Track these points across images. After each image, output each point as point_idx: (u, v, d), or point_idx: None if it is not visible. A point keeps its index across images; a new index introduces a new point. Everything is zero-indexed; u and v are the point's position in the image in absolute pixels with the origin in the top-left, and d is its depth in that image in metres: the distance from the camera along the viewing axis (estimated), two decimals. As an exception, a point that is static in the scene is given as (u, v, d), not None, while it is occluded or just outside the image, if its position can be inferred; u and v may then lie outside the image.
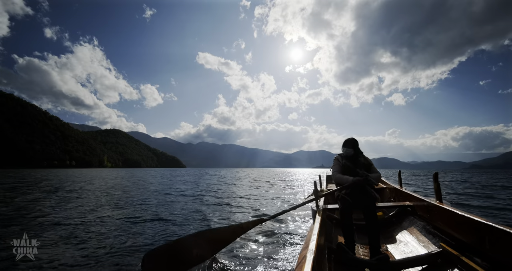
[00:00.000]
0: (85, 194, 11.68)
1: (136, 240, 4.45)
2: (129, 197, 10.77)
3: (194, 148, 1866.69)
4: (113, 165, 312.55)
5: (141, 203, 9.12)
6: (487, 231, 1.98)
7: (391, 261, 2.36)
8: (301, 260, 1.60)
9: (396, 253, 2.86)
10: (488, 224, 1.98)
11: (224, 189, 14.87)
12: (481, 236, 2.06)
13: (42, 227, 5.36)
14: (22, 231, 4.94)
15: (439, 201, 2.98)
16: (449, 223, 2.59)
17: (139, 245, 4.17)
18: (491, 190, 14.33)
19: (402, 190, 4.29)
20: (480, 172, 72.79)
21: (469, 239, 2.25)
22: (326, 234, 3.01)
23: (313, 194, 3.04)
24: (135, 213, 7.10)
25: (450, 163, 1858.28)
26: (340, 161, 3.02)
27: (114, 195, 11.47)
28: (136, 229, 5.28)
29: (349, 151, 3.02)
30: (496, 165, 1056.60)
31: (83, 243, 4.28)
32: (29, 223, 5.75)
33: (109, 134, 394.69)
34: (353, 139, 3.05)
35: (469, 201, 9.74)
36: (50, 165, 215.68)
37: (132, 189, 14.67)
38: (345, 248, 2.48)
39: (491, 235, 1.94)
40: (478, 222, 2.09)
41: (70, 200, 9.70)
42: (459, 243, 2.39)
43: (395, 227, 3.68)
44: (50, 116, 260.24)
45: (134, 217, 6.46)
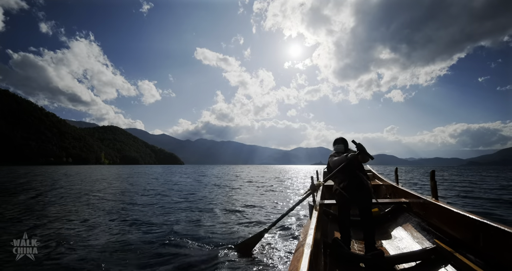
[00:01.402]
0: (80, 193, 11.03)
1: (135, 240, 4.42)
2: (124, 197, 10.11)
3: (193, 144, 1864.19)
4: (111, 162, 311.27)
5: (131, 203, 8.50)
6: (482, 228, 1.99)
7: (386, 257, 2.39)
8: (298, 254, 1.62)
9: (390, 249, 2.91)
10: (483, 221, 1.99)
11: (218, 193, 14.09)
12: (475, 234, 2.07)
13: (39, 227, 5.17)
14: (18, 230, 4.89)
15: (435, 199, 3.02)
16: (444, 220, 2.63)
17: (138, 245, 4.13)
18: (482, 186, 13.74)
19: (399, 187, 4.36)
20: (477, 168, 72.75)
21: (463, 236, 2.27)
22: (323, 229, 3.04)
23: (310, 188, 3.10)
24: (132, 213, 6.78)
25: (447, 159, 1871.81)
26: (334, 155, 3.15)
27: (111, 194, 10.83)
28: (135, 230, 5.15)
29: (340, 147, 3.16)
30: (493, 161, 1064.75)
31: (83, 242, 4.26)
32: (21, 223, 5.53)
33: (107, 131, 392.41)
34: (342, 137, 3.25)
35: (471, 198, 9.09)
36: (46, 162, 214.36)
37: (120, 189, 13.82)
38: (340, 243, 2.53)
39: (486, 232, 1.95)
40: (473, 219, 2.11)
41: (67, 199, 9.12)
42: (453, 240, 2.43)
43: (390, 223, 3.73)
44: (46, 113, 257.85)
45: (131, 218, 6.16)
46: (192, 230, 4.97)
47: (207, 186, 15.05)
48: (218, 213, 6.66)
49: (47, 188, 12.96)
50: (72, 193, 11.01)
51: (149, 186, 14.87)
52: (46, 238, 4.39)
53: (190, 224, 5.47)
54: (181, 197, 10.02)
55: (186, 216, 6.29)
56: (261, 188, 13.46)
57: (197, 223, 5.61)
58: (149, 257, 3.57)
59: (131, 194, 11.02)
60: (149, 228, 5.17)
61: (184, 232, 4.85)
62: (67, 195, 10.30)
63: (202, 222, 5.64)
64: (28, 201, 8.62)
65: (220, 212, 6.86)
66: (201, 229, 5.08)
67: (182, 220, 5.85)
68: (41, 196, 9.76)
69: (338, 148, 3.17)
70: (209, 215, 6.48)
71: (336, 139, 3.27)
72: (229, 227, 5.25)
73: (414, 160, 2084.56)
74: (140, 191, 11.98)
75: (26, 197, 9.56)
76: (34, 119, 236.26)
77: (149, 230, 5.01)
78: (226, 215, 6.50)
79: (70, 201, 8.73)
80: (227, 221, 5.75)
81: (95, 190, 12.17)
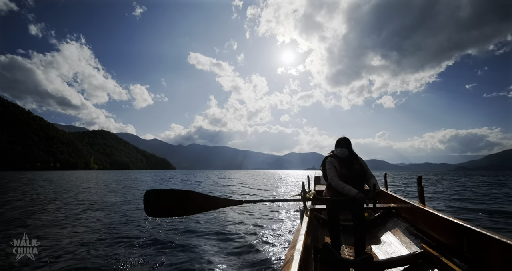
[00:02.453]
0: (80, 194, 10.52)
1: (134, 240, 4.50)
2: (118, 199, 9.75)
3: (185, 149, 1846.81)
4: (100, 167, 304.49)
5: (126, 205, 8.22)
6: (466, 233, 2.03)
7: (375, 261, 2.41)
8: (288, 260, 1.62)
9: (380, 254, 2.93)
10: (467, 226, 2.03)
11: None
12: (460, 238, 2.11)
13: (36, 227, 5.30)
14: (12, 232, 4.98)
15: (422, 204, 3.06)
16: (431, 225, 2.67)
17: (137, 245, 4.21)
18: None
19: (388, 192, 4.44)
20: (464, 173, 74.55)
21: (449, 240, 2.31)
22: (313, 234, 3.05)
23: (301, 195, 3.06)
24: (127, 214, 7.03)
25: (436, 164, 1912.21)
26: (334, 165, 2.82)
27: (106, 195, 10.39)
28: (133, 230, 5.32)
29: (343, 151, 2.82)
30: (480, 166, 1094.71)
31: (83, 244, 4.30)
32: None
33: (97, 136, 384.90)
34: (346, 137, 2.90)
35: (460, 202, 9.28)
36: (32, 167, 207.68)
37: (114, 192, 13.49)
38: (331, 248, 2.52)
39: (470, 237, 1.99)
40: (457, 224, 2.15)
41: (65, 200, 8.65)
42: (439, 244, 2.46)
43: (379, 228, 3.78)
44: (34, 117, 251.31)
45: (127, 221, 6.33)
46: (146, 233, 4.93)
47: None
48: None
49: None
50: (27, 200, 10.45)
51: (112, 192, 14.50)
52: (45, 238, 4.40)
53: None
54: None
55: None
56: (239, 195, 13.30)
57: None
58: (147, 255, 3.68)
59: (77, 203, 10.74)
60: (146, 228, 5.44)
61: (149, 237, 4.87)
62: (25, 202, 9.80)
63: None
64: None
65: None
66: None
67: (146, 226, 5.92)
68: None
69: (342, 153, 2.83)
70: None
71: (339, 139, 2.91)
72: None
73: (405, 165, 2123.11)
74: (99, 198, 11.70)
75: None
76: (21, 123, 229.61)
77: (146, 229, 5.27)
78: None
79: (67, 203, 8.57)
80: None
81: (60, 198, 11.62)
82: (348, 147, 2.85)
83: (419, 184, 3.19)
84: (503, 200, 10.88)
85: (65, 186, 19.42)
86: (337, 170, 2.79)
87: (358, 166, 2.82)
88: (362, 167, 2.84)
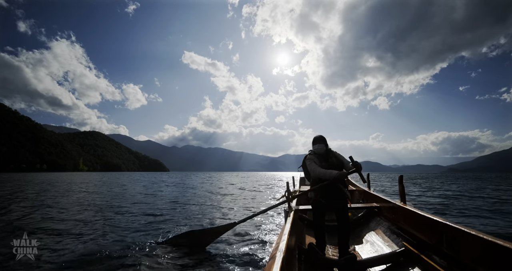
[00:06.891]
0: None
1: (133, 241, 4.45)
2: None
3: (179, 151, 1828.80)
4: (90, 169, 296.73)
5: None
6: (445, 230, 2.07)
7: (358, 261, 2.46)
8: (271, 260, 1.64)
9: (363, 253, 2.98)
10: (445, 223, 2.07)
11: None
12: (439, 235, 2.15)
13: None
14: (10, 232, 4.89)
15: (403, 202, 3.14)
16: (412, 223, 2.73)
17: (136, 245, 4.18)
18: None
19: (370, 191, 4.57)
20: (454, 176, 73.57)
21: (428, 238, 2.36)
22: (298, 234, 3.06)
23: (285, 195, 3.05)
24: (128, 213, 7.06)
25: (429, 166, 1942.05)
26: (314, 160, 2.94)
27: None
28: (132, 230, 5.32)
29: (321, 146, 2.96)
30: (470, 168, 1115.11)
31: (83, 243, 4.27)
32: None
33: (88, 137, 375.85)
34: (322, 135, 3.04)
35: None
36: (17, 169, 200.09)
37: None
38: (315, 248, 2.56)
39: (448, 233, 2.03)
40: (436, 221, 2.20)
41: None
42: (420, 242, 2.52)
43: (362, 228, 3.85)
44: (21, 117, 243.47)
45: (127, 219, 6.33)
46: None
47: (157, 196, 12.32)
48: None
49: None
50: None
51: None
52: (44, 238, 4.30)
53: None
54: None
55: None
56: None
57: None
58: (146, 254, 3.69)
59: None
60: (145, 228, 5.42)
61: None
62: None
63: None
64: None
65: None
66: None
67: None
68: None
69: (319, 148, 2.96)
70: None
71: (315, 137, 3.04)
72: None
73: (398, 167, 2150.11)
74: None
75: None
76: (6, 123, 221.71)
77: (145, 230, 5.28)
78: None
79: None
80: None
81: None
82: (325, 143, 2.99)
83: (400, 182, 3.24)
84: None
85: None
86: (317, 164, 2.91)
87: (334, 159, 2.94)
88: (338, 159, 2.95)
